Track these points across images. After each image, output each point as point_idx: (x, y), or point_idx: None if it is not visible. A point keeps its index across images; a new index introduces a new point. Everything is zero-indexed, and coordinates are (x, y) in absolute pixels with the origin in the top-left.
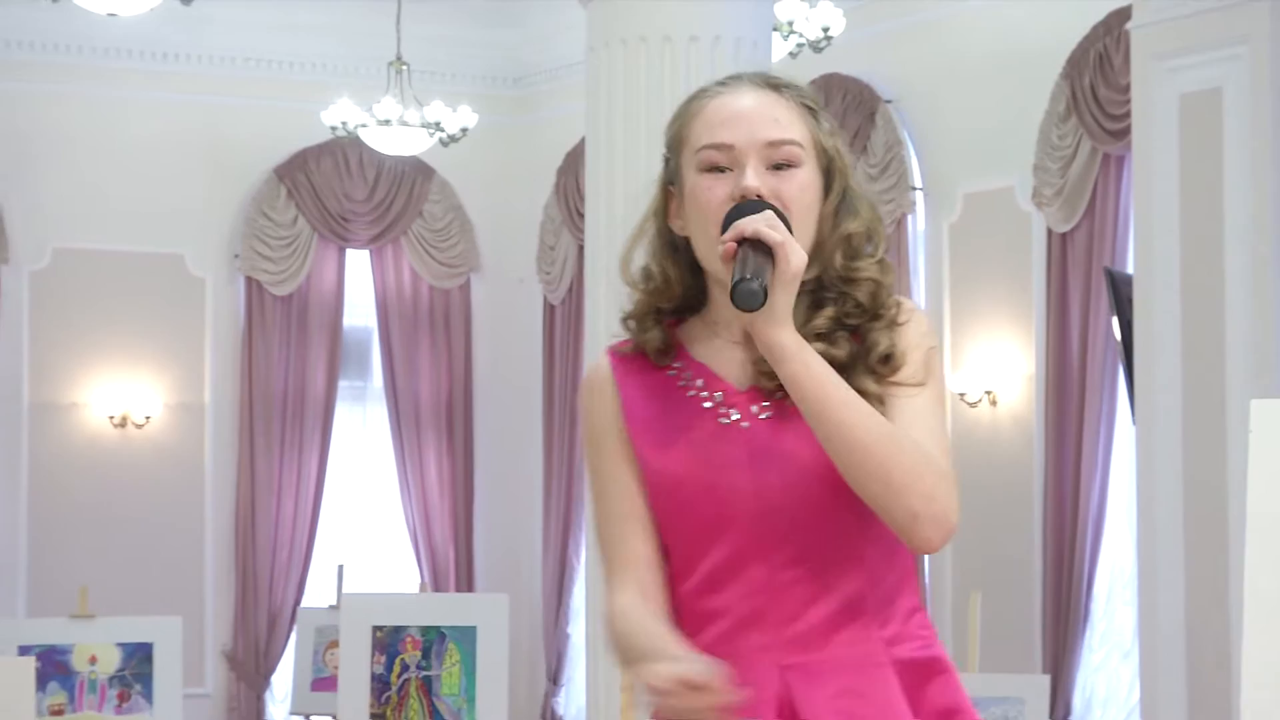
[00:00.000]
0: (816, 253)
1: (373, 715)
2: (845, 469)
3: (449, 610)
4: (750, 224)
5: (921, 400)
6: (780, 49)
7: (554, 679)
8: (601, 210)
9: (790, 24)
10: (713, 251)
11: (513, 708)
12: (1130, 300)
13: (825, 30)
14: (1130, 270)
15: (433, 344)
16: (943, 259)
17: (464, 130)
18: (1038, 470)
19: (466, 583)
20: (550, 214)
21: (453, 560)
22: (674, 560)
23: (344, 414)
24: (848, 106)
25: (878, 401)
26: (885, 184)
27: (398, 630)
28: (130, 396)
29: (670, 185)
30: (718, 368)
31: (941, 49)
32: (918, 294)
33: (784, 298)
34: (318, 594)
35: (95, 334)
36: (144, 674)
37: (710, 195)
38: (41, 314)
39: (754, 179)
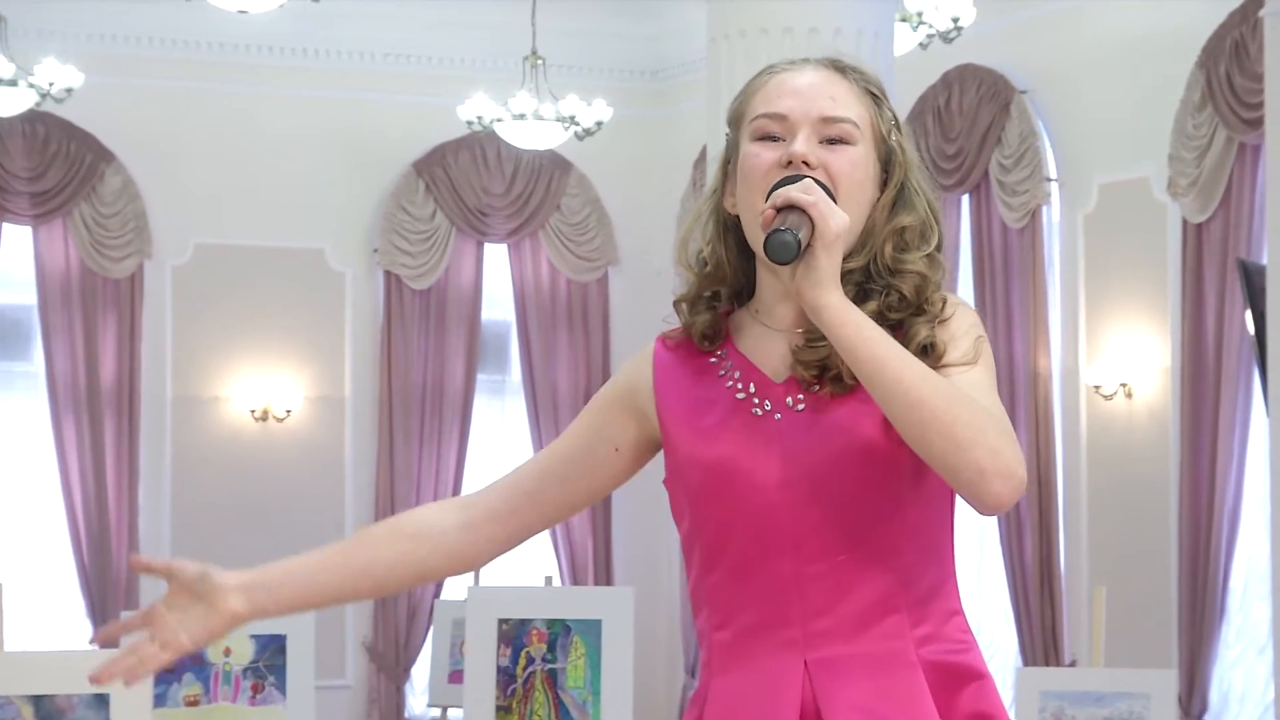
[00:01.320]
0: (865, 241)
1: (499, 708)
2: (906, 427)
3: (574, 603)
4: (786, 190)
5: (974, 374)
6: (910, 40)
7: (692, 672)
8: None
9: (919, 15)
10: (753, 223)
11: (650, 701)
12: (1263, 291)
13: (955, 21)
14: (1264, 261)
15: (571, 337)
16: (1078, 250)
17: (599, 124)
18: (1173, 463)
19: (604, 576)
20: (687, 206)
21: (591, 553)
22: (701, 551)
23: (482, 407)
24: (982, 97)
25: None
26: (1019, 175)
27: (523, 623)
28: (271, 390)
29: (729, 164)
30: (757, 358)
31: (1076, 38)
32: (1053, 286)
33: (826, 259)
34: (456, 587)
35: (237, 328)
36: (277, 665)
37: (758, 161)
38: (184, 309)
39: (802, 145)
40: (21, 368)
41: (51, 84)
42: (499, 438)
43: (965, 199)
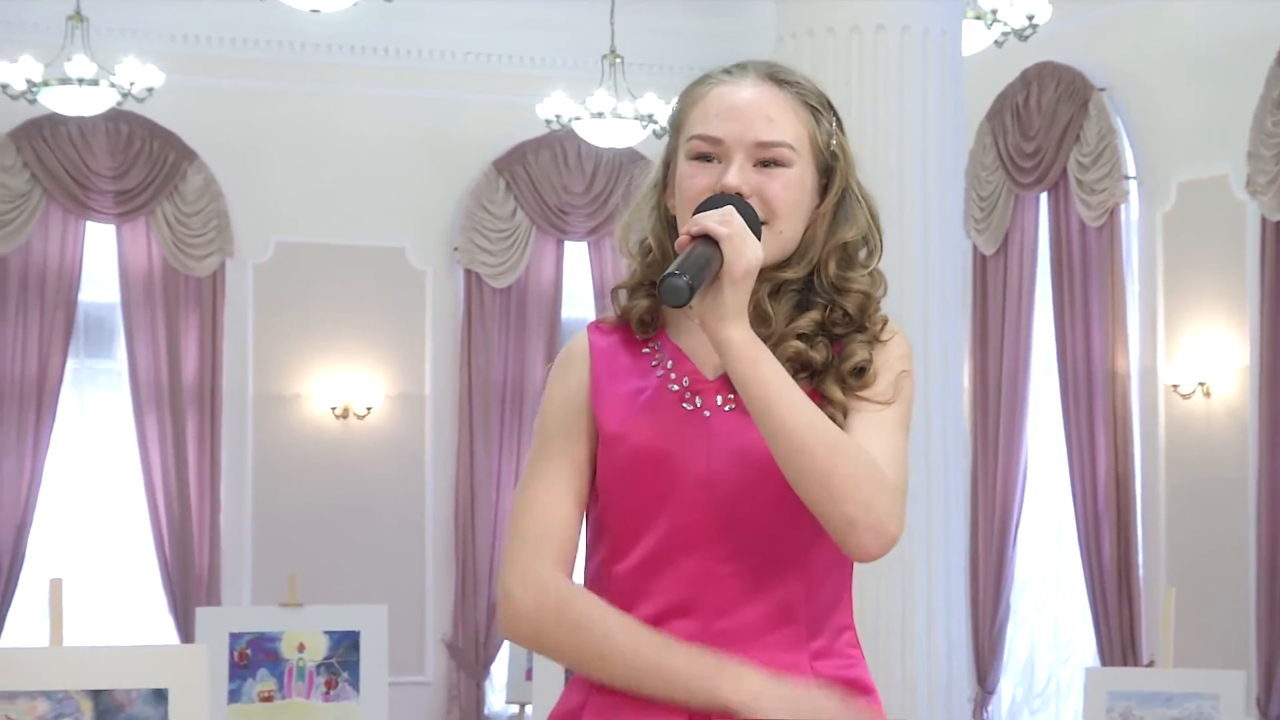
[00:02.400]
0: (806, 251)
1: None
2: (786, 470)
3: None
4: (704, 218)
5: (884, 416)
6: (985, 38)
7: None
8: None
9: (994, 12)
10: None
11: None
12: None
13: (1030, 18)
14: None
15: None
16: (1156, 249)
17: None
18: (1251, 463)
19: None
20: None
21: None
22: (612, 538)
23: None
24: (1060, 95)
25: (841, 411)
26: (1098, 173)
27: None
28: (352, 388)
29: (669, 163)
30: (692, 353)
31: (1154, 36)
32: (1131, 285)
33: (733, 293)
34: None
35: (317, 326)
36: (351, 662)
37: (692, 183)
38: (265, 307)
39: (735, 176)
40: (105, 365)
41: (132, 83)
42: None
43: (1043, 197)
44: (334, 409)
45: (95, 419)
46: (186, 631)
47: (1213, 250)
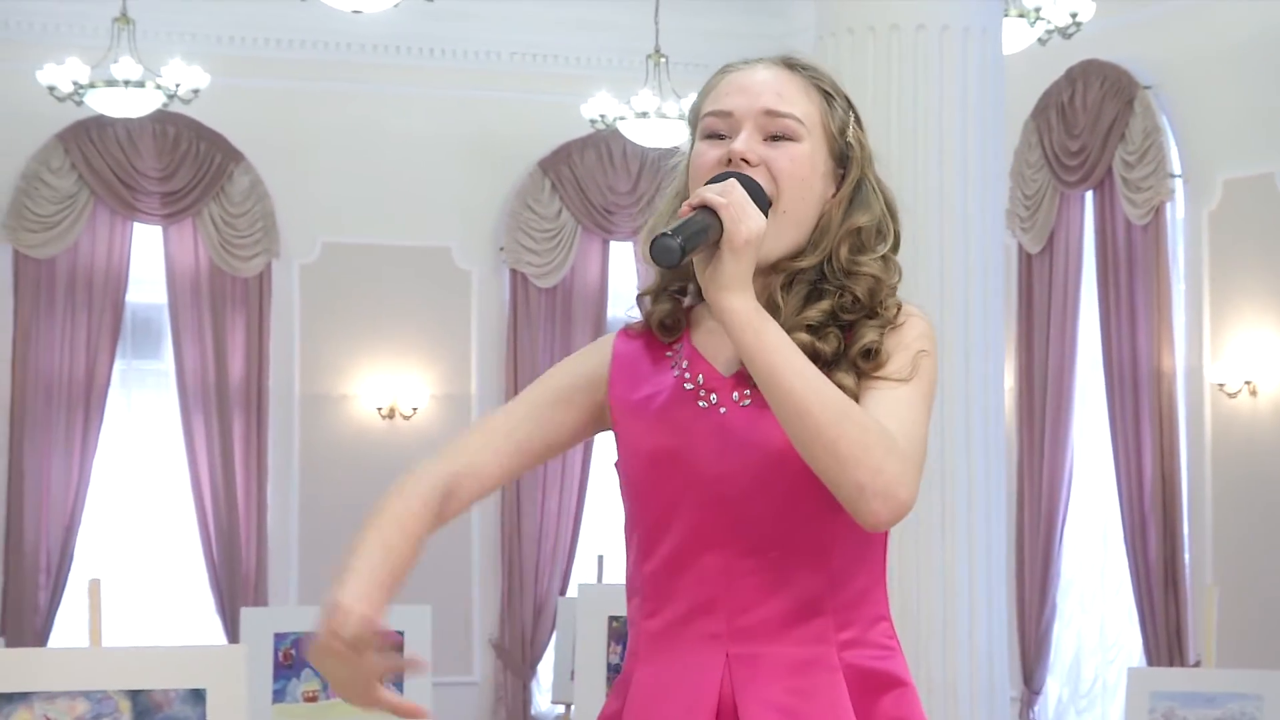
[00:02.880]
0: (819, 240)
1: None
2: (795, 439)
3: None
4: (703, 190)
5: (900, 391)
6: (1028, 36)
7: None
8: None
9: (1038, 10)
10: None
11: None
12: None
13: (1074, 16)
14: None
15: None
16: (1202, 247)
17: None
18: None
19: None
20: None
21: None
22: (638, 539)
23: None
24: (1105, 93)
25: (853, 397)
26: (1143, 171)
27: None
28: (398, 388)
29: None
30: (708, 352)
31: (1200, 33)
32: (1176, 283)
33: (733, 263)
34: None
35: (364, 327)
36: None
37: (703, 159)
38: (311, 307)
39: (742, 143)
40: (152, 366)
41: (178, 85)
42: None
43: (1089, 196)
44: (380, 409)
45: (143, 420)
46: (233, 632)
47: (1258, 248)
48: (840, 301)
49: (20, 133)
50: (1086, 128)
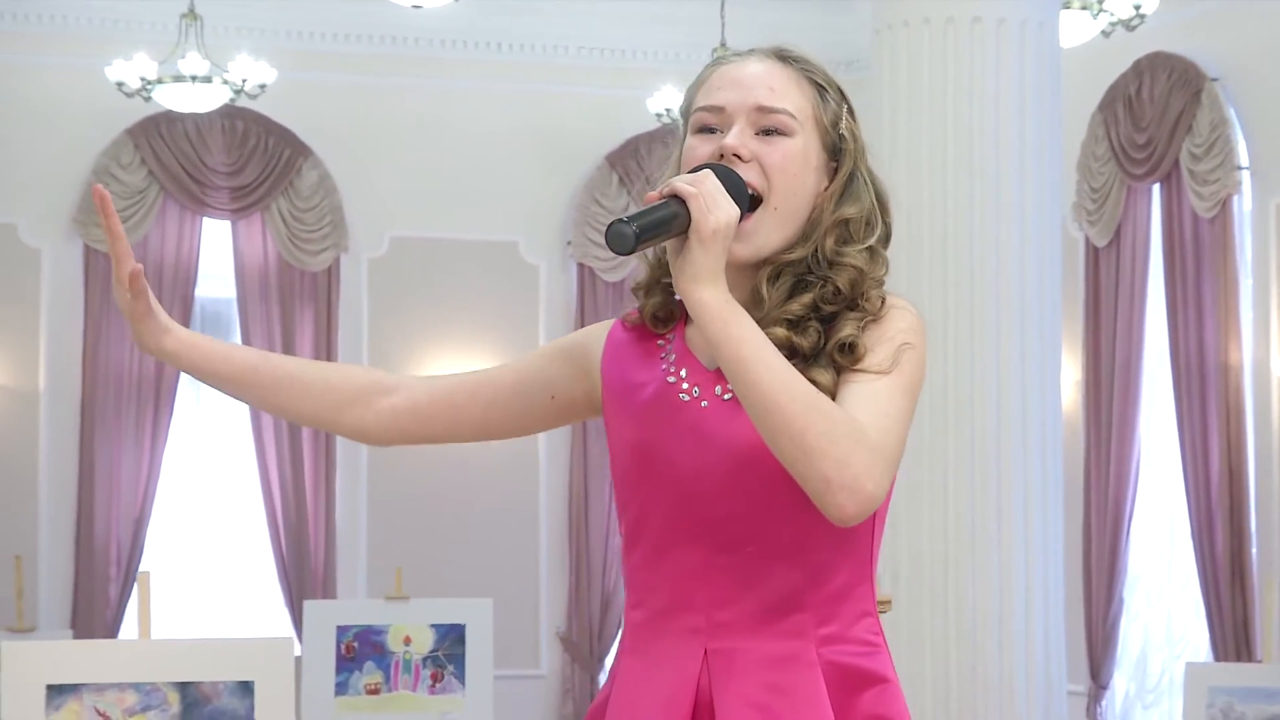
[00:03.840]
0: (810, 232)
1: None
2: (763, 431)
3: None
4: (674, 180)
5: (878, 384)
6: (1091, 28)
7: None
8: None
9: (1100, 2)
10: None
11: None
12: None
13: (1137, 8)
14: None
15: None
16: (1270, 240)
17: None
18: None
19: None
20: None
21: None
22: (625, 533)
23: None
24: (1172, 85)
25: (831, 396)
26: (1210, 164)
27: None
28: None
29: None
30: (695, 345)
31: (1268, 25)
32: (1244, 276)
33: (702, 253)
34: None
35: (431, 320)
36: (457, 655)
37: (695, 154)
38: (380, 301)
39: (734, 138)
40: None
41: (244, 80)
42: None
43: (1156, 189)
44: None
45: (212, 414)
46: (301, 625)
47: None
48: (823, 292)
49: (90, 128)
50: (1153, 120)
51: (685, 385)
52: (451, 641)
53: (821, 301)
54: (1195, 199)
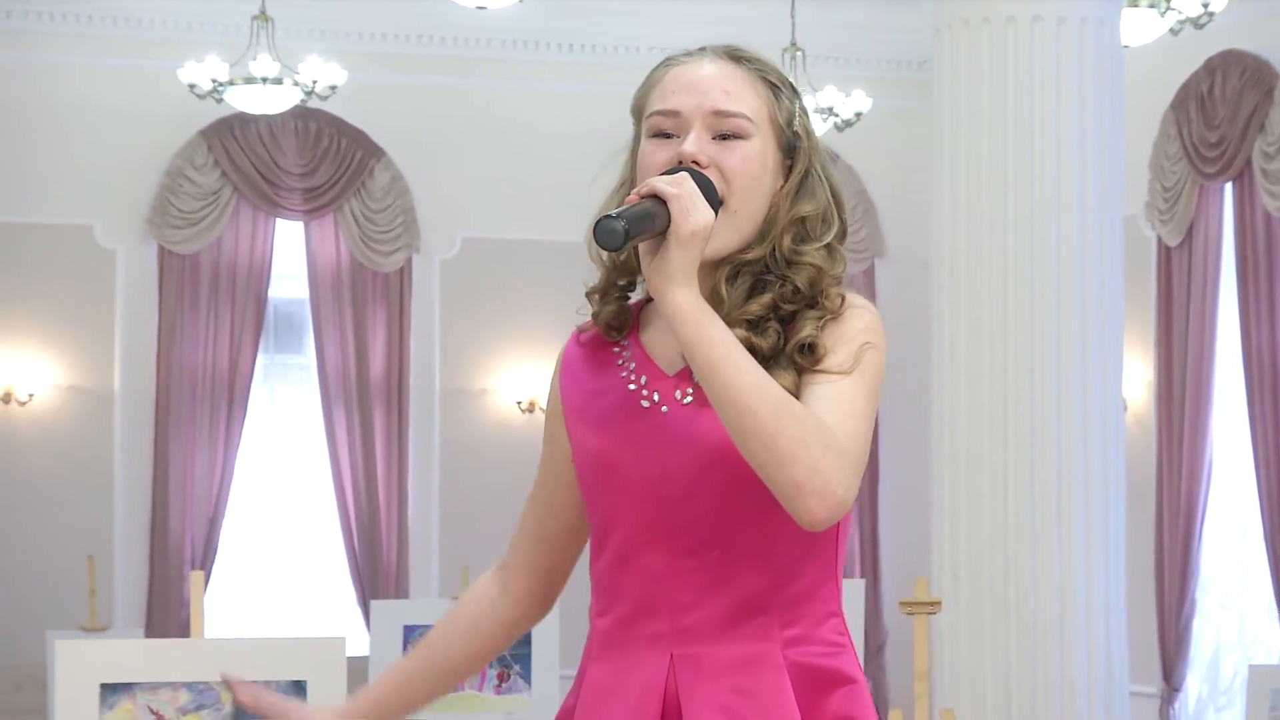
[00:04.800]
0: (766, 232)
1: None
2: (733, 435)
3: None
4: (654, 180)
5: (841, 385)
6: (1159, 26)
7: None
8: (945, 191)
9: (1168, 0)
10: None
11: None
12: None
13: (1205, 6)
14: None
15: None
16: None
17: (858, 115)
18: None
19: (871, 569)
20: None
21: (858, 546)
22: (592, 538)
23: None
24: (1244, 83)
25: (792, 395)
26: None
27: None
28: (538, 382)
29: (634, 159)
30: (654, 350)
31: None
32: None
33: (679, 254)
34: None
35: (503, 321)
36: (523, 655)
37: (651, 160)
38: (451, 302)
39: (692, 145)
40: (294, 360)
41: (315, 82)
42: None
43: (1228, 187)
44: (520, 403)
45: (285, 414)
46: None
47: None
48: (782, 291)
49: (164, 130)
50: (1225, 119)
51: (645, 391)
52: (518, 642)
53: (781, 301)
54: (1267, 197)
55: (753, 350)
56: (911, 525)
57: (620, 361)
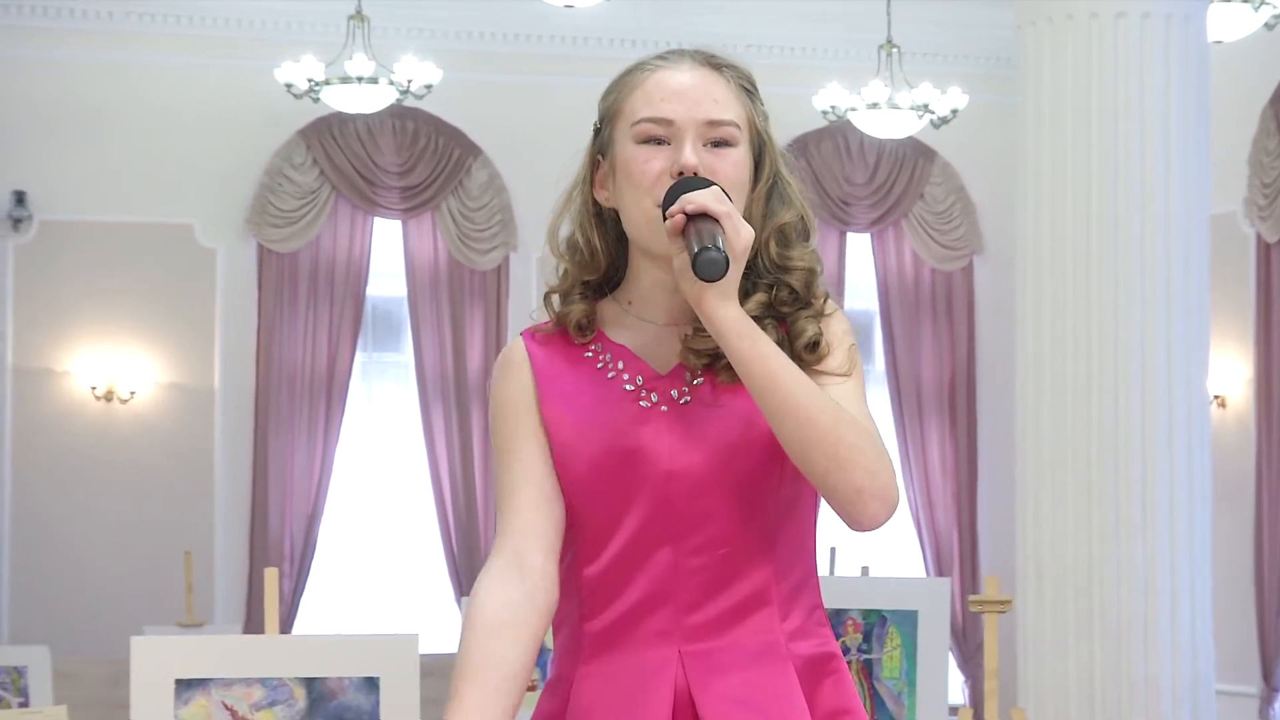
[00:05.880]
0: None
1: None
2: (792, 444)
3: (890, 594)
4: (699, 198)
5: (849, 388)
6: (1252, 21)
7: None
8: (1030, 188)
9: None
10: (645, 222)
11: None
12: None
13: None
14: None
15: (935, 327)
16: None
17: (954, 112)
18: None
19: (970, 567)
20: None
21: (956, 544)
22: (582, 543)
23: None
24: None
25: None
26: None
27: (839, 613)
28: None
29: (600, 156)
30: (641, 351)
31: None
32: None
33: (733, 272)
34: None
35: None
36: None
37: (647, 167)
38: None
39: (692, 155)
40: (393, 358)
41: (410, 81)
42: None
43: None
44: None
45: (383, 411)
46: None
47: None
48: (777, 295)
49: (263, 129)
50: None
51: (644, 392)
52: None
53: (776, 303)
54: None
55: None
56: (1008, 524)
57: (600, 363)
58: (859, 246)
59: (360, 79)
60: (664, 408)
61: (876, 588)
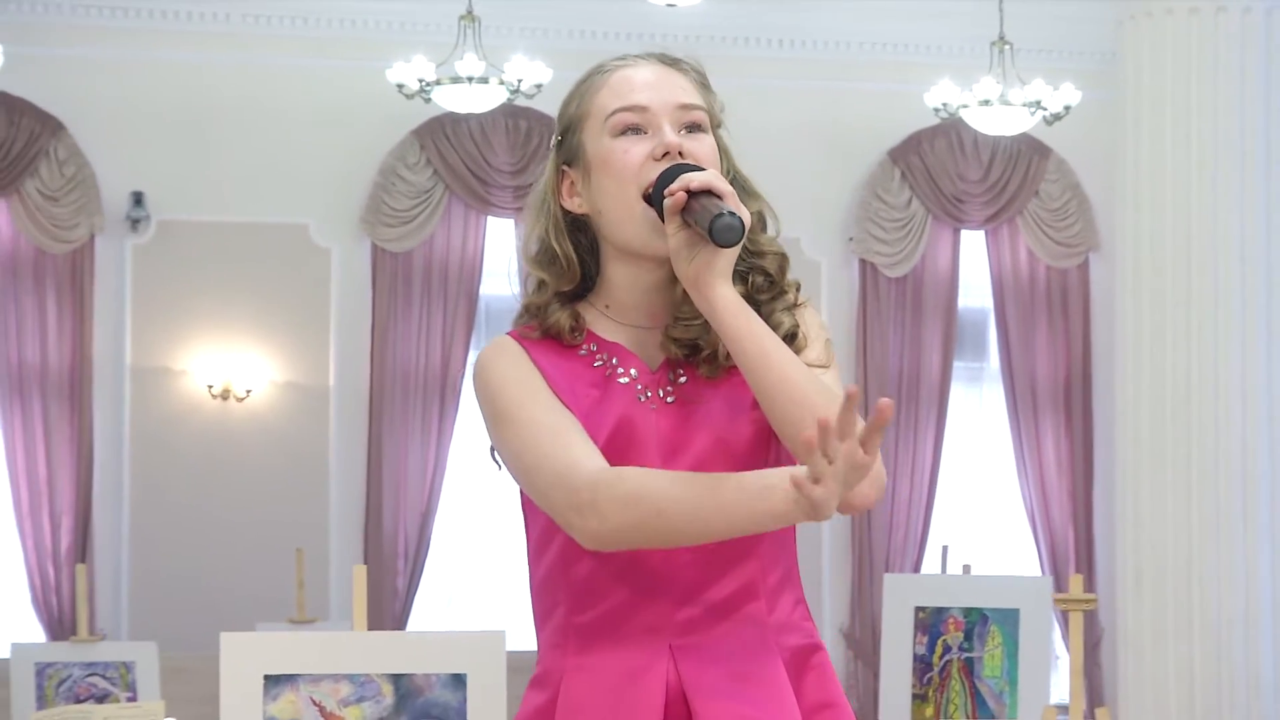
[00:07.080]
0: None
1: (914, 695)
2: (784, 424)
3: (991, 592)
4: (703, 175)
5: (828, 378)
6: None
7: None
8: (1129, 183)
9: None
10: (629, 217)
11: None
12: None
13: None
14: None
15: (1050, 324)
16: None
17: (1067, 108)
18: None
19: (1086, 565)
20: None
21: (1071, 543)
22: (570, 540)
23: (959, 395)
24: None
25: None
26: None
27: (940, 611)
28: None
29: (566, 166)
30: (640, 349)
31: None
32: None
33: (732, 251)
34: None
35: None
36: None
37: (628, 157)
38: None
39: (672, 136)
40: None
41: (520, 80)
42: (975, 425)
43: None
44: None
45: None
46: None
47: None
48: (754, 282)
49: (377, 130)
50: None
51: (639, 387)
52: None
53: (754, 290)
54: None
55: None
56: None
57: (597, 361)
58: (973, 244)
59: (471, 79)
60: (653, 406)
61: (978, 586)
